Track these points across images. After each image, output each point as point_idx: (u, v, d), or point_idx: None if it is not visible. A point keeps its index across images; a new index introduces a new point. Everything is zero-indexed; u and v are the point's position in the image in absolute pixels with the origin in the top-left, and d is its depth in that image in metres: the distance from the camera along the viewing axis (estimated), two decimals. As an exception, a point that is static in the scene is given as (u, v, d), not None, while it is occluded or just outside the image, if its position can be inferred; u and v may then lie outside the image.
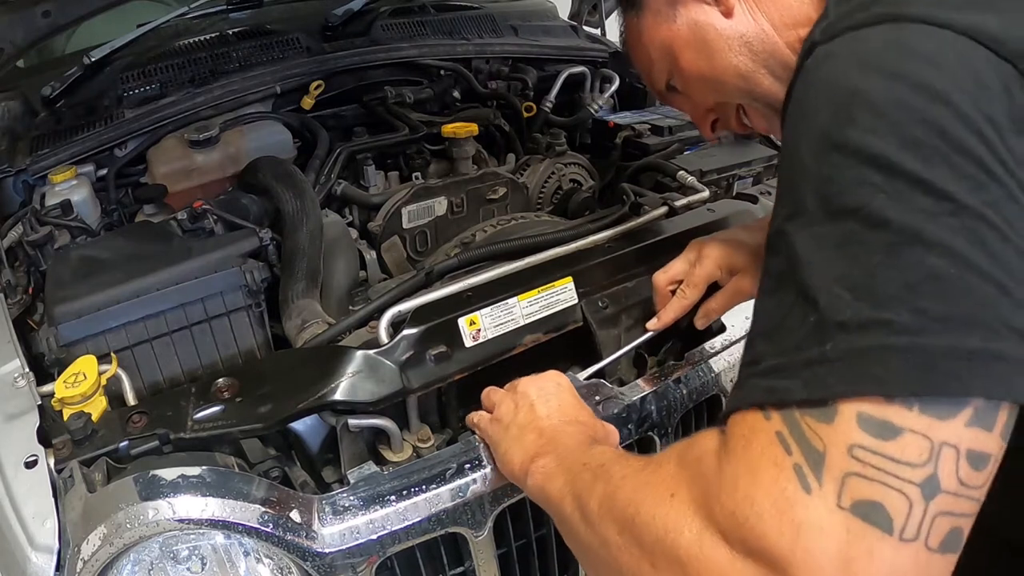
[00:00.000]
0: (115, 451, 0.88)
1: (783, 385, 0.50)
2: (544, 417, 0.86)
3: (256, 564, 0.88)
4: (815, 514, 0.46)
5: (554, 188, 1.66)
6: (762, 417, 0.50)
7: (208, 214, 1.27)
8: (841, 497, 0.45)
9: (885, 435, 0.46)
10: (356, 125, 1.70)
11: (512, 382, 0.94)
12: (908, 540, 0.45)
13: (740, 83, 0.83)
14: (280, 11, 2.07)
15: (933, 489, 0.45)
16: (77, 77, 1.57)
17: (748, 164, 1.59)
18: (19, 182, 1.47)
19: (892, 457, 0.45)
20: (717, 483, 0.51)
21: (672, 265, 1.06)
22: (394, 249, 1.47)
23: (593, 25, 2.20)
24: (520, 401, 0.89)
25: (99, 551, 0.80)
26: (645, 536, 0.55)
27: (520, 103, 1.84)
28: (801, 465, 0.47)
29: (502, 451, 0.87)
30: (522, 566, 1.03)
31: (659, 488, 0.56)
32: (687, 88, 0.91)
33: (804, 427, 0.48)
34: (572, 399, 0.90)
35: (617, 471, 0.64)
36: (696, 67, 0.86)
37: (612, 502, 0.61)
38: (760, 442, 0.50)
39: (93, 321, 1.05)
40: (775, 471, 0.48)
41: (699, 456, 0.55)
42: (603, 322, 1.12)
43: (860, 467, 0.46)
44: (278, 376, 0.98)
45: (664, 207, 1.32)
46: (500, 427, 0.89)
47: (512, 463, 0.84)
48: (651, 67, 0.93)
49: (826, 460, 0.46)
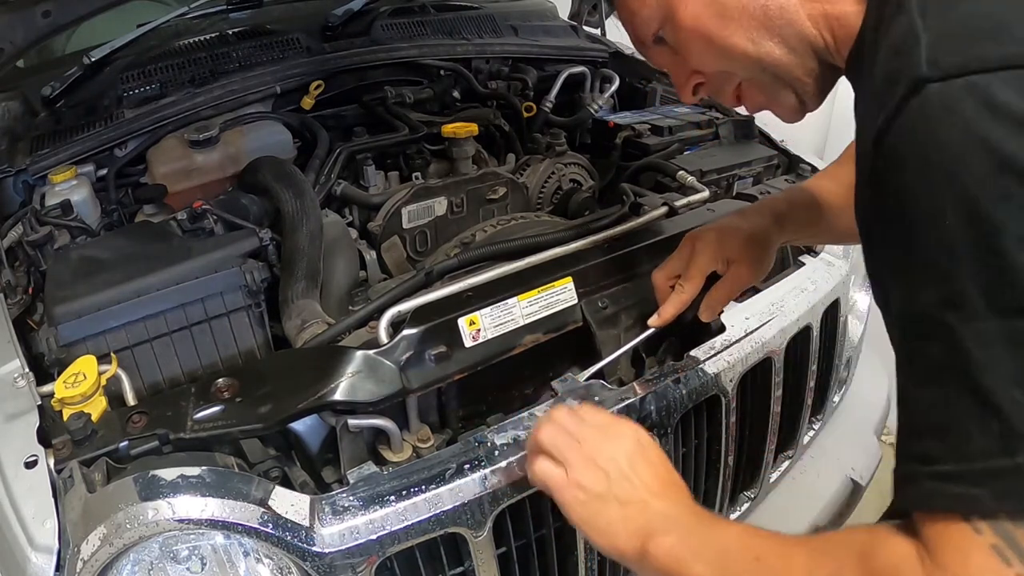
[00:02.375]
0: (115, 451, 0.88)
1: (977, 494, 0.50)
2: (642, 487, 0.79)
3: (256, 564, 0.88)
4: None
5: (554, 188, 1.66)
6: (971, 530, 0.50)
7: (208, 214, 1.27)
8: None
9: None
10: (356, 125, 1.70)
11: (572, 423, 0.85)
12: None
13: (750, 50, 0.74)
14: (280, 11, 2.07)
15: None
16: (77, 77, 1.57)
17: (748, 164, 1.59)
18: (19, 182, 1.47)
19: None
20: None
21: (669, 261, 1.06)
22: (394, 249, 1.47)
23: (593, 25, 2.20)
24: (610, 469, 0.80)
25: (99, 551, 0.80)
26: None
27: (520, 103, 1.84)
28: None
29: (601, 527, 0.79)
30: (522, 566, 1.03)
31: None
32: (681, 46, 0.79)
33: (1020, 537, 0.48)
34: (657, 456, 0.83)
35: (788, 570, 0.62)
36: (701, 25, 0.74)
37: None
38: (978, 556, 0.50)
39: (93, 321, 1.05)
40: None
41: (892, 560, 0.54)
42: (603, 322, 1.12)
43: None
44: (278, 376, 0.98)
45: (664, 207, 1.32)
46: (591, 499, 0.80)
47: (622, 542, 0.77)
48: (640, 8, 0.79)
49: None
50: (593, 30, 2.19)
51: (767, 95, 0.81)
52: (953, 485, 0.51)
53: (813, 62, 0.75)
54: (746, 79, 0.80)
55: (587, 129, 1.87)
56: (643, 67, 2.00)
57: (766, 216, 1.04)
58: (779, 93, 0.80)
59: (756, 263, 1.02)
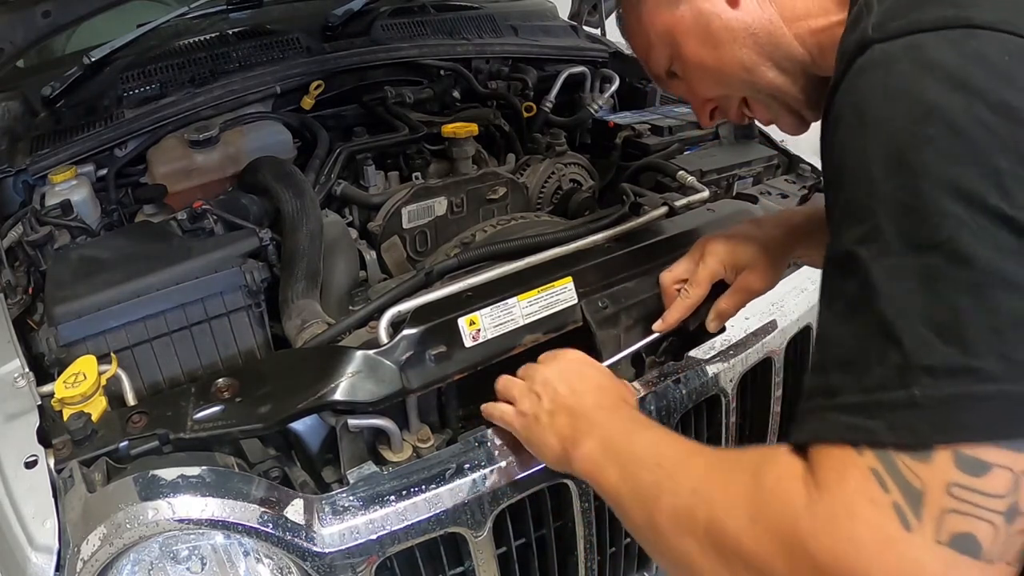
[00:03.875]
0: (115, 451, 0.88)
1: (872, 426, 0.51)
2: (569, 395, 0.85)
3: (256, 564, 0.88)
4: (916, 551, 0.47)
5: (554, 188, 1.66)
6: (854, 453, 0.51)
7: (208, 214, 1.27)
8: (939, 533, 0.47)
9: (977, 472, 0.48)
10: (356, 125, 1.70)
11: (526, 368, 0.93)
12: (993, 560, 0.47)
13: (744, 75, 0.82)
14: (280, 11, 2.07)
15: (1014, 514, 0.48)
16: (77, 77, 1.57)
17: (748, 164, 1.59)
18: (19, 182, 1.47)
19: (983, 491, 0.47)
20: (810, 518, 0.51)
21: (677, 264, 1.05)
22: (394, 249, 1.47)
23: (593, 25, 2.20)
24: (542, 390, 0.88)
25: (99, 551, 0.80)
26: (731, 556, 0.56)
27: (520, 103, 1.84)
28: (900, 504, 0.48)
29: (536, 442, 0.86)
30: (522, 566, 1.03)
31: (739, 511, 0.56)
32: (688, 76, 0.88)
33: (901, 466, 0.49)
34: (590, 369, 0.89)
35: (683, 480, 0.64)
36: (698, 57, 0.83)
37: (688, 519, 0.61)
38: (855, 479, 0.50)
39: (93, 321, 1.05)
40: (874, 509, 0.49)
41: (779, 478, 0.55)
42: (603, 322, 1.11)
43: (956, 503, 0.47)
44: (278, 376, 0.98)
45: (664, 207, 1.32)
46: (528, 420, 0.88)
47: (550, 450, 0.84)
48: (649, 52, 0.90)
49: (924, 498, 0.48)
50: (593, 30, 2.19)
51: (769, 112, 0.87)
52: (849, 416, 0.52)
53: (804, 79, 0.81)
54: (749, 98, 0.88)
55: (587, 129, 1.87)
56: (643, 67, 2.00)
57: (782, 228, 1.03)
58: (778, 111, 0.86)
59: (765, 274, 1.01)
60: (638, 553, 1.16)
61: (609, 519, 1.07)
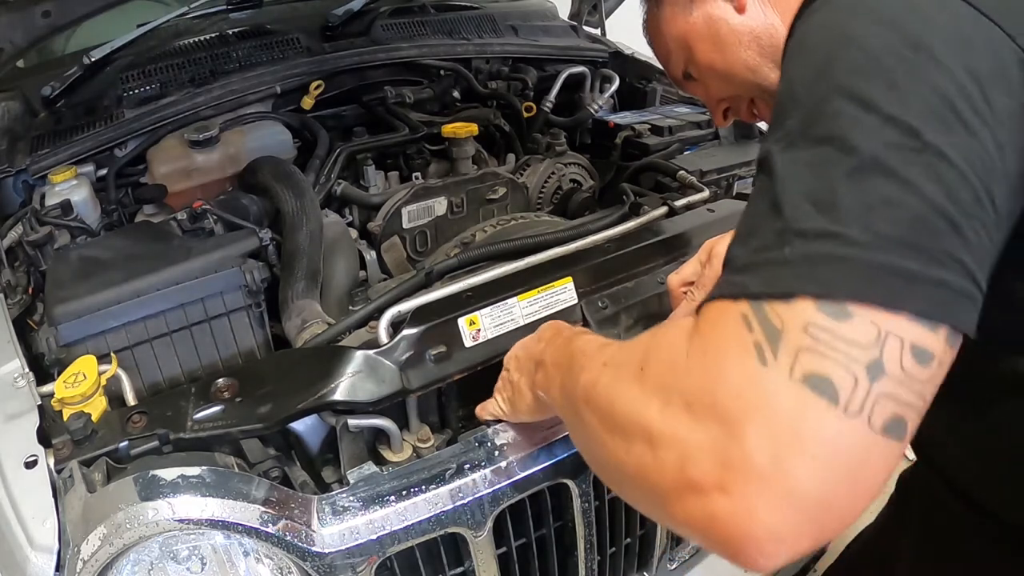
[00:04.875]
0: (115, 451, 0.88)
1: (747, 280, 0.54)
2: (525, 355, 0.89)
3: (256, 564, 0.88)
4: (770, 385, 0.48)
5: (554, 188, 1.66)
6: (730, 303, 0.54)
7: (208, 214, 1.27)
8: (794, 370, 0.48)
9: (838, 317, 0.49)
10: (356, 125, 1.70)
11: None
12: (852, 414, 0.47)
13: (749, 76, 0.90)
14: (280, 11, 2.06)
15: (877, 371, 0.48)
16: (77, 77, 1.57)
17: (748, 164, 1.59)
18: (19, 182, 1.47)
19: (843, 336, 0.48)
20: (684, 360, 0.54)
21: (684, 267, 1.05)
22: (394, 249, 1.47)
23: (593, 25, 2.20)
24: (509, 364, 0.92)
25: (99, 551, 0.80)
26: (618, 416, 0.58)
27: (520, 103, 1.84)
28: (760, 342, 0.50)
29: (519, 408, 0.90)
30: (522, 566, 1.03)
31: (631, 368, 0.59)
32: (702, 78, 0.98)
33: (767, 310, 0.51)
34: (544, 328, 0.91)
35: (598, 357, 0.66)
36: (709, 60, 0.93)
37: (593, 389, 0.63)
38: (725, 323, 0.53)
39: (93, 321, 1.05)
40: (737, 348, 0.51)
41: (667, 334, 0.59)
42: (603, 322, 1.11)
43: (813, 343, 0.49)
44: (278, 376, 0.98)
45: (664, 207, 1.32)
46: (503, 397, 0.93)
47: (528, 402, 0.87)
48: (669, 56, 1.00)
49: (782, 336, 0.49)
50: (593, 30, 2.19)
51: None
52: (738, 276, 0.55)
53: None
54: (756, 98, 0.96)
55: (587, 129, 1.87)
56: (643, 67, 2.00)
57: None
58: None
59: None
60: (638, 553, 1.16)
61: (609, 519, 1.07)
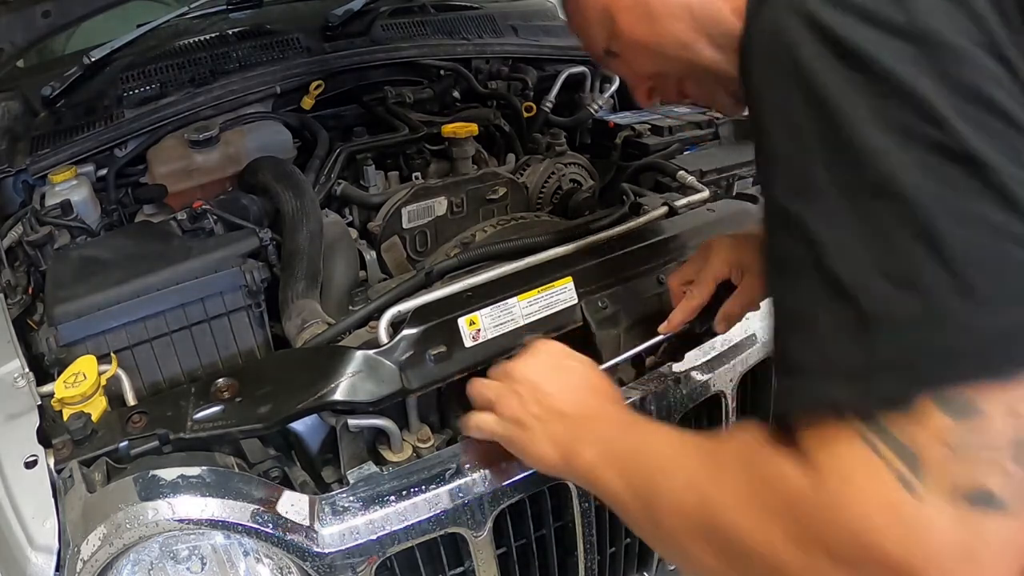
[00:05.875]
0: (115, 451, 0.88)
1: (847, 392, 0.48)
2: (556, 395, 0.81)
3: (256, 564, 0.88)
4: (925, 514, 0.44)
5: (554, 188, 1.66)
6: (838, 423, 0.48)
7: (208, 214, 1.27)
8: (949, 492, 0.44)
9: (966, 415, 0.45)
10: (356, 125, 1.70)
11: (501, 367, 0.89)
12: (1016, 513, 0.44)
13: (681, 52, 0.79)
14: (280, 11, 2.07)
15: (1019, 450, 0.44)
16: (77, 77, 1.57)
17: (748, 164, 1.59)
18: (19, 182, 1.47)
19: (978, 430, 0.44)
20: (813, 501, 0.48)
21: (684, 266, 1.05)
22: (394, 249, 1.47)
23: (593, 25, 2.19)
24: (525, 390, 0.83)
25: (99, 551, 0.80)
26: (742, 557, 0.54)
27: (520, 103, 1.84)
28: (900, 470, 0.45)
29: (530, 452, 0.82)
30: (522, 566, 1.03)
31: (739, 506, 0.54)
32: (625, 54, 0.85)
33: (887, 425, 0.46)
34: (572, 362, 0.86)
35: (680, 477, 0.62)
36: (635, 33, 0.80)
37: (690, 519, 0.59)
38: (845, 450, 0.48)
39: (93, 321, 1.05)
40: (872, 477, 0.46)
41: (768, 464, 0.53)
42: (603, 322, 1.11)
43: (953, 455, 0.44)
44: (278, 376, 0.98)
45: (664, 207, 1.32)
46: (515, 426, 0.83)
47: (547, 459, 0.79)
48: (588, 29, 0.87)
49: (921, 458, 0.45)
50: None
51: (705, 92, 0.84)
52: (822, 384, 0.49)
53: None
54: (684, 77, 0.84)
55: (587, 129, 1.86)
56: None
57: None
58: (715, 91, 0.83)
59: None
60: (638, 553, 1.16)
61: (609, 519, 1.07)
